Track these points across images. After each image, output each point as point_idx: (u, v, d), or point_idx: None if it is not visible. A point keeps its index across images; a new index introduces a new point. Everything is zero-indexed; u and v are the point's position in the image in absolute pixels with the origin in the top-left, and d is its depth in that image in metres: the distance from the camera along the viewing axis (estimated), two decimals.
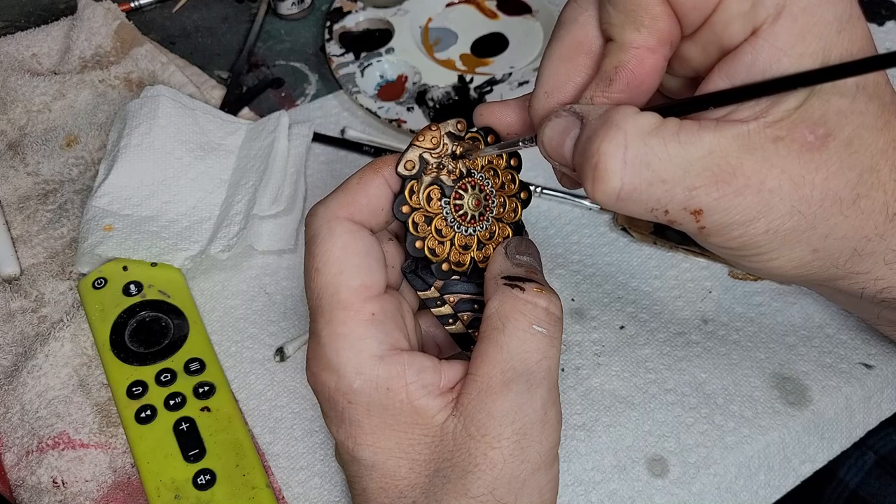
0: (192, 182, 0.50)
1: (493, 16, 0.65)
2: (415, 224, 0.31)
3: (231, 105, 0.57)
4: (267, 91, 0.59)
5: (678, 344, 0.44)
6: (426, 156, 0.31)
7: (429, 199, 0.31)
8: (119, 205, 0.48)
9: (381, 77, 0.60)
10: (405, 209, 0.31)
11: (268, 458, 0.41)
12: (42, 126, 0.56)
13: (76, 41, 0.60)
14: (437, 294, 0.32)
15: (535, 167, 0.54)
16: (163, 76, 0.58)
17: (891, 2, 0.63)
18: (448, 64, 0.61)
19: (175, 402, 0.41)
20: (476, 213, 0.32)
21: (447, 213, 0.31)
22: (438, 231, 0.31)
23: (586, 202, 0.51)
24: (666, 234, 0.49)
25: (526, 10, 0.65)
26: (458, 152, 0.32)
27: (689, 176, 0.26)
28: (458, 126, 0.32)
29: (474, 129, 0.33)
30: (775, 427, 0.41)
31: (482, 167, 0.33)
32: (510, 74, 0.58)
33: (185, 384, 0.42)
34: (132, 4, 0.65)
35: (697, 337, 0.45)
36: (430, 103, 0.57)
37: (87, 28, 0.60)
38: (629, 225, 0.49)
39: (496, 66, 0.61)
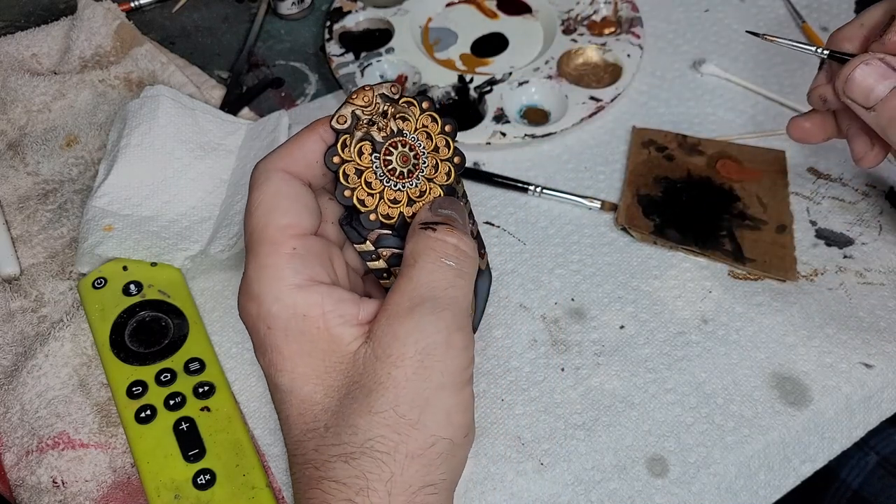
0: (192, 182, 0.50)
1: (493, 16, 0.65)
2: (345, 175, 0.33)
3: (231, 105, 0.57)
4: (267, 91, 0.59)
5: (678, 344, 0.44)
6: (358, 112, 0.33)
7: (360, 153, 0.33)
8: (119, 205, 0.48)
9: (381, 77, 0.60)
10: (336, 160, 0.33)
11: (268, 459, 0.41)
12: (42, 126, 0.56)
13: (76, 41, 0.60)
14: (371, 248, 0.34)
15: (534, 167, 0.54)
16: (163, 76, 0.58)
17: None
18: (448, 64, 0.61)
19: (175, 401, 0.41)
20: (405, 170, 0.34)
21: (377, 167, 0.33)
22: (368, 183, 0.33)
23: (586, 202, 0.51)
24: (666, 234, 0.49)
25: (526, 10, 0.65)
26: (389, 112, 0.34)
27: None
28: (392, 89, 0.34)
29: (409, 95, 0.35)
30: (775, 427, 0.41)
31: (415, 129, 0.34)
32: (510, 74, 0.58)
33: (185, 384, 0.42)
34: (132, 4, 0.65)
35: (697, 337, 0.45)
36: None
37: (87, 28, 0.60)
38: (629, 225, 0.49)
39: (496, 65, 0.61)
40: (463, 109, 0.57)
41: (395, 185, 0.34)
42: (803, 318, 0.45)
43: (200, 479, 0.39)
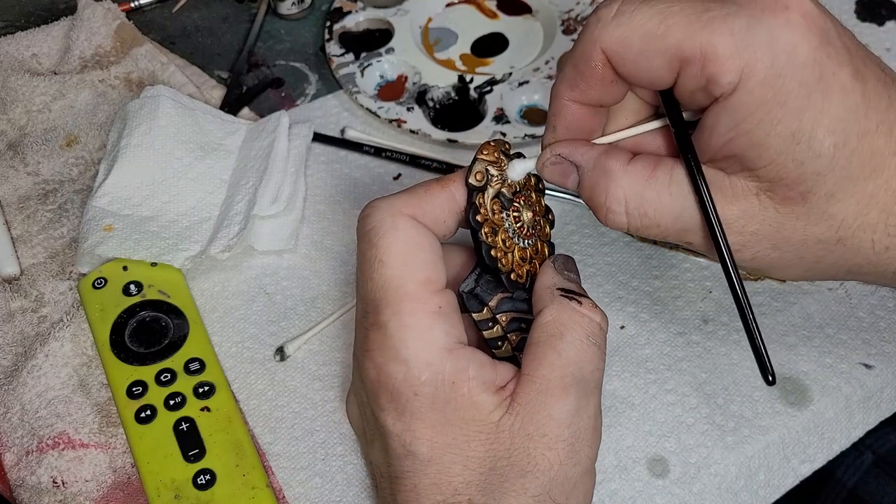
0: (192, 182, 0.50)
1: (493, 16, 0.65)
2: (486, 234, 0.31)
3: (231, 105, 0.57)
4: (267, 91, 0.59)
5: (678, 344, 0.44)
6: (491, 169, 0.32)
7: (492, 210, 0.31)
8: (119, 205, 0.48)
9: (381, 77, 0.60)
10: (479, 218, 0.31)
11: (268, 458, 0.41)
12: (42, 126, 0.56)
13: (76, 41, 0.60)
14: (490, 315, 0.33)
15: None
16: (163, 76, 0.58)
17: (891, 1, 0.63)
18: (448, 64, 0.61)
19: (175, 402, 0.41)
20: (530, 226, 0.33)
21: (509, 224, 0.32)
22: (504, 242, 0.32)
23: None
24: None
25: (526, 10, 0.65)
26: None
27: (680, 221, 0.30)
28: (505, 146, 0.33)
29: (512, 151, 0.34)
30: (775, 427, 0.41)
31: (523, 185, 0.33)
32: (510, 74, 0.58)
33: (185, 384, 0.42)
34: (132, 4, 0.65)
35: (698, 337, 0.45)
36: (430, 103, 0.57)
37: (87, 28, 0.60)
38: None
39: (496, 66, 0.61)
40: (463, 110, 0.57)
41: (523, 243, 0.33)
42: (803, 318, 0.45)
43: (200, 479, 0.39)
